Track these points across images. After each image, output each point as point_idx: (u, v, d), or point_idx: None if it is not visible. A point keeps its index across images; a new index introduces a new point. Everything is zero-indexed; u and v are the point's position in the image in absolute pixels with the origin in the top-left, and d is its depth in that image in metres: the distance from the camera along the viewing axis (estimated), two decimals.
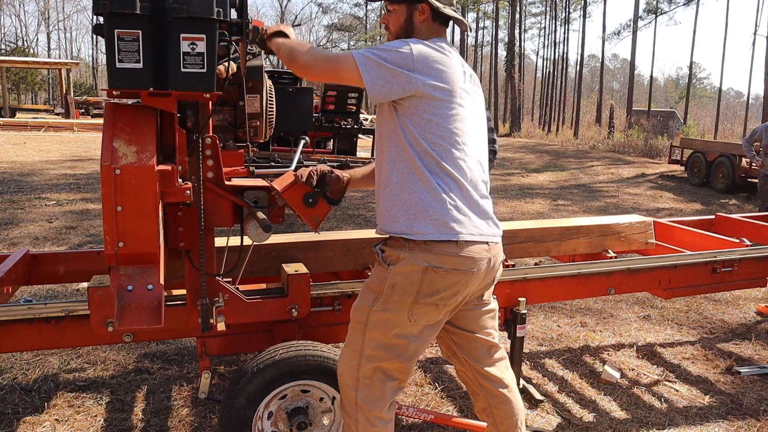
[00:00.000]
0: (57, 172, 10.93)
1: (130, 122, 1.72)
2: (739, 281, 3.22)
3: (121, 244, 1.69)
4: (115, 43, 1.59)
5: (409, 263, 1.79)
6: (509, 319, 2.67)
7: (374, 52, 1.76)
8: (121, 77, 1.62)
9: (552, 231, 3.22)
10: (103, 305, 1.91)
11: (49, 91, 44.02)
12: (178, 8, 1.61)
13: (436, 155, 1.79)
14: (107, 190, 1.65)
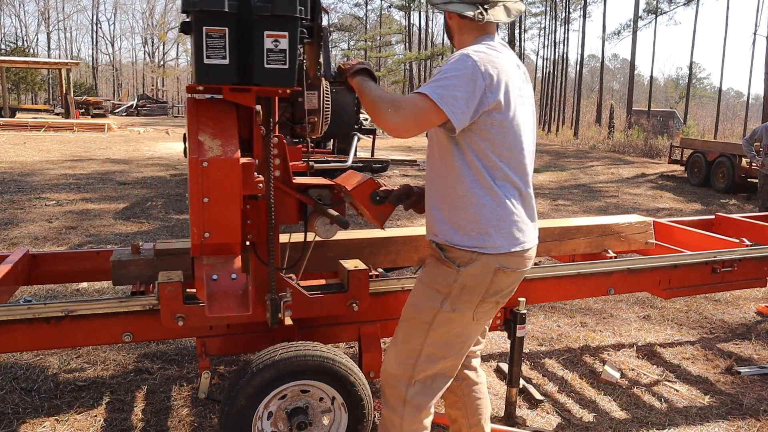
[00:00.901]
0: (57, 172, 10.93)
1: (212, 117, 1.79)
2: (739, 281, 3.22)
3: (207, 234, 1.74)
4: (203, 39, 1.65)
5: (482, 264, 1.84)
6: (509, 319, 2.67)
7: (445, 83, 1.71)
8: (208, 73, 1.68)
9: (552, 231, 3.22)
10: (173, 300, 1.99)
11: (49, 91, 44.02)
12: (263, 6, 1.66)
13: (504, 167, 1.82)
14: (195, 182, 1.70)
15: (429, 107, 1.71)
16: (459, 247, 1.84)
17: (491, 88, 1.73)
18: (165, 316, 2.02)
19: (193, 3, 1.62)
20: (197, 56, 1.66)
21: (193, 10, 1.63)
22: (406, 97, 1.79)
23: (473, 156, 1.80)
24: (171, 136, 21.03)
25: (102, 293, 4.40)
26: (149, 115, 36.38)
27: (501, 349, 3.69)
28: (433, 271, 1.92)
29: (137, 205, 8.09)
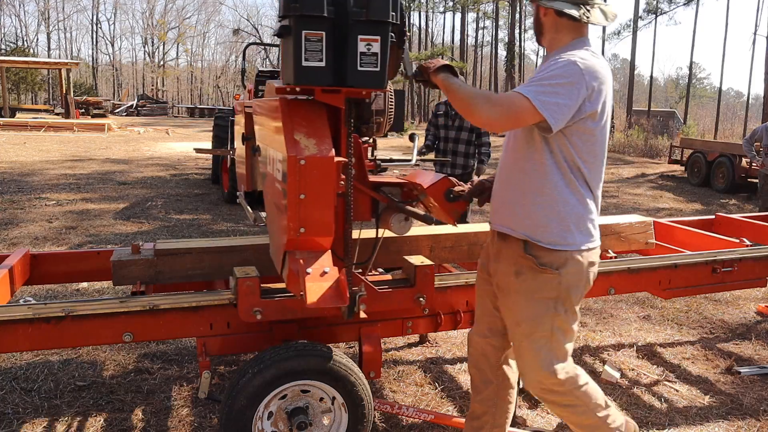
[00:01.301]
0: (57, 172, 10.93)
1: (305, 116, 1.87)
2: (739, 281, 3.22)
3: (302, 229, 1.83)
4: (302, 43, 1.73)
5: (577, 262, 1.96)
6: None
7: (549, 89, 1.78)
8: (306, 74, 1.76)
9: None
10: (251, 294, 2.07)
11: (49, 91, 44.03)
12: (358, 12, 1.76)
13: (587, 171, 1.93)
14: (293, 179, 1.77)
15: (527, 109, 1.78)
16: (544, 245, 1.94)
17: (591, 98, 1.82)
18: (243, 309, 2.09)
19: (294, 8, 1.71)
20: (296, 58, 1.73)
21: (294, 15, 1.72)
22: (504, 95, 1.88)
23: (561, 157, 1.90)
24: (171, 136, 21.04)
25: (102, 293, 4.40)
26: (149, 115, 36.38)
27: None
28: (534, 283, 1.99)
29: (137, 205, 8.09)
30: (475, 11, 40.75)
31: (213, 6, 65.37)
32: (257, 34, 54.66)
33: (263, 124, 2.28)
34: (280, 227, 1.96)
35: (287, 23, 1.76)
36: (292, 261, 1.89)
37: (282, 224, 1.91)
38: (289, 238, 1.85)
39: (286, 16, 1.75)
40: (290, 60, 1.77)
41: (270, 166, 2.11)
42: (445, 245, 2.98)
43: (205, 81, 64.21)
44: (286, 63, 1.81)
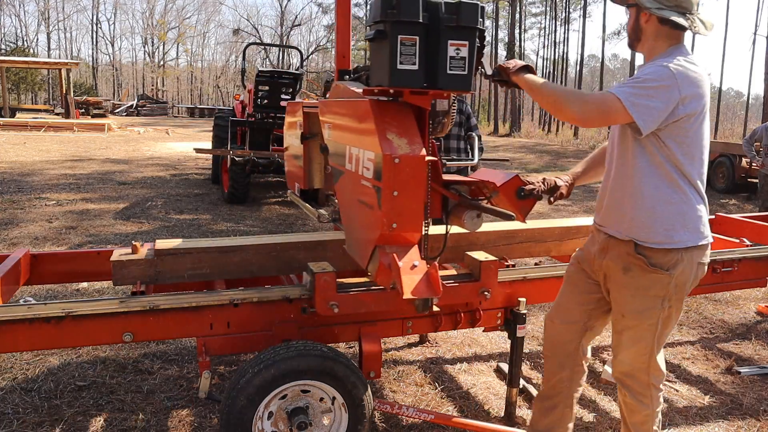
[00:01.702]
0: (57, 172, 10.93)
1: (395, 117, 1.95)
2: (739, 281, 3.22)
3: (395, 225, 1.91)
4: (398, 46, 1.82)
5: (686, 263, 2.04)
6: (509, 319, 2.67)
7: (641, 92, 1.85)
8: (400, 77, 1.84)
9: (552, 231, 3.22)
10: (328, 289, 2.16)
11: (49, 91, 44.03)
12: (449, 18, 1.84)
13: (689, 169, 1.98)
14: (387, 176, 1.86)
15: (619, 109, 1.86)
16: (652, 246, 2.02)
17: (684, 101, 1.87)
18: (320, 303, 2.16)
19: (392, 14, 1.80)
20: (391, 61, 1.82)
21: (391, 20, 1.80)
22: (597, 93, 1.98)
23: (660, 158, 1.97)
24: (171, 136, 21.04)
25: (102, 293, 4.40)
26: (149, 115, 36.38)
27: (501, 349, 3.69)
28: (643, 280, 2.07)
29: (137, 205, 8.09)
30: None
31: (213, 6, 65.42)
32: (257, 34, 54.66)
33: (340, 124, 2.35)
34: (367, 223, 2.04)
35: (382, 28, 1.85)
36: (383, 255, 1.98)
37: (371, 220, 1.99)
38: (382, 233, 1.93)
39: (382, 21, 1.84)
40: (385, 63, 1.85)
41: (351, 165, 2.17)
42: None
43: (205, 81, 64.22)
44: (379, 65, 1.91)
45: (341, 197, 2.40)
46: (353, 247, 2.30)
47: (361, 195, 2.07)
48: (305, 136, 2.99)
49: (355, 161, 2.12)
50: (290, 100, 7.62)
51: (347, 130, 2.24)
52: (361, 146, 2.05)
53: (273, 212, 8.00)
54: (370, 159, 1.95)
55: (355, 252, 2.28)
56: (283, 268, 2.73)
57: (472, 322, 2.64)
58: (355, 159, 2.11)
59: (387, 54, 1.83)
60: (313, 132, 2.98)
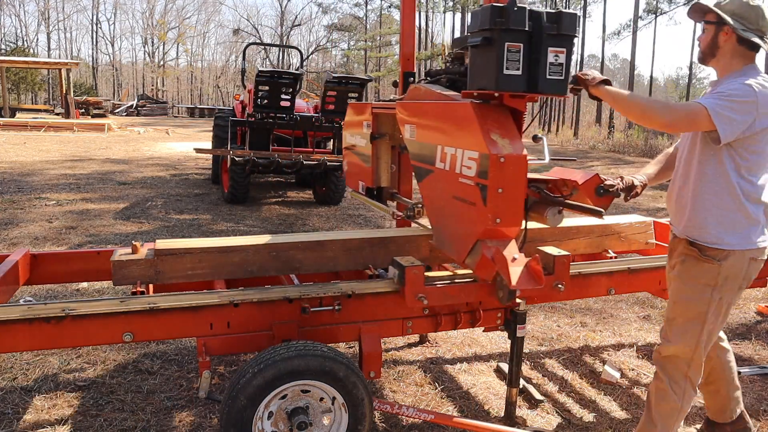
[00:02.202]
0: (57, 172, 10.93)
1: (496, 119, 2.06)
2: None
3: (498, 220, 2.02)
4: (504, 53, 1.94)
5: (737, 257, 2.19)
6: (509, 319, 2.67)
7: (726, 104, 2.02)
8: (505, 81, 1.97)
9: (552, 231, 3.22)
10: (417, 282, 2.27)
11: (49, 91, 44.01)
12: (550, 26, 1.97)
13: (750, 179, 2.15)
14: (494, 174, 1.98)
15: (704, 116, 2.03)
16: (714, 246, 2.19)
17: (760, 117, 2.04)
18: (409, 296, 2.26)
19: (501, 22, 1.92)
20: (498, 67, 1.95)
21: (499, 29, 1.93)
22: (680, 103, 2.23)
23: (727, 167, 2.14)
24: (171, 136, 21.03)
25: (102, 293, 4.40)
26: (149, 115, 36.37)
27: (501, 349, 3.69)
28: (694, 270, 2.26)
29: (137, 205, 8.09)
30: None
31: (213, 6, 65.37)
32: (257, 34, 54.67)
33: (428, 125, 2.45)
34: (467, 218, 2.15)
35: (489, 35, 1.97)
36: (485, 248, 2.09)
37: (473, 215, 2.10)
38: (486, 228, 2.04)
39: (490, 29, 1.96)
40: (491, 68, 1.98)
41: (445, 164, 2.28)
42: None
43: (205, 81, 64.20)
44: (483, 70, 2.03)
45: (429, 194, 2.48)
46: (446, 241, 2.40)
47: (460, 192, 2.17)
48: (374, 136, 3.11)
49: (450, 160, 2.23)
50: (290, 100, 7.63)
51: (439, 131, 2.35)
52: (459, 146, 2.16)
53: (273, 212, 8.00)
54: (473, 158, 2.07)
55: (448, 245, 2.38)
56: (283, 268, 2.73)
57: (472, 322, 2.65)
58: (451, 158, 2.23)
59: (494, 60, 1.96)
60: (382, 132, 3.11)
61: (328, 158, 7.76)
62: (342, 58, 57.70)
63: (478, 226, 2.08)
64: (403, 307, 2.51)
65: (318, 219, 7.75)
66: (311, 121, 7.99)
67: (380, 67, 49.10)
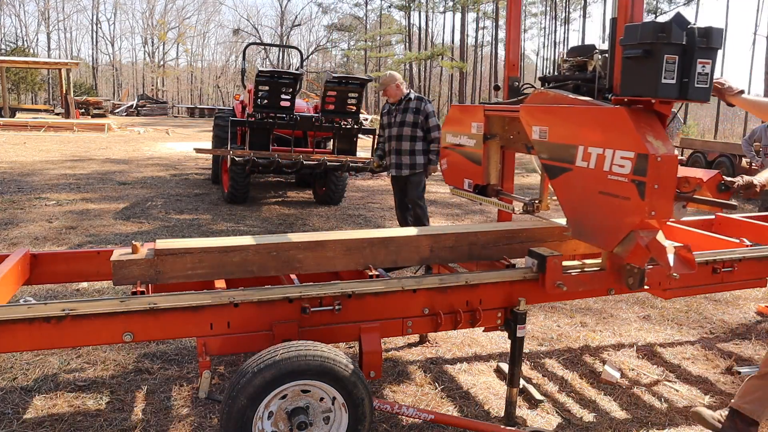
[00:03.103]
0: (57, 172, 10.93)
1: (648, 123, 2.29)
2: (739, 281, 3.21)
3: (653, 213, 2.23)
4: (663, 64, 2.18)
5: None
6: (509, 319, 2.67)
7: None
8: (663, 89, 2.21)
9: (552, 231, 3.22)
10: (556, 270, 2.57)
11: (49, 91, 44.01)
12: (701, 40, 2.20)
13: None
14: (652, 172, 2.20)
15: None
16: None
17: None
18: (549, 283, 2.57)
19: (662, 37, 2.17)
20: (658, 77, 2.19)
21: (660, 42, 2.17)
22: None
23: None
24: (171, 136, 21.03)
25: (102, 293, 4.40)
26: (149, 115, 36.37)
27: (501, 349, 3.69)
28: None
29: (137, 205, 8.09)
30: (475, 11, 40.73)
31: (213, 6, 65.42)
32: (257, 34, 54.66)
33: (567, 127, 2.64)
34: (619, 211, 2.35)
35: (649, 48, 2.21)
36: (640, 238, 2.33)
37: (627, 209, 2.31)
38: (642, 220, 2.26)
39: (651, 43, 2.20)
40: (651, 77, 2.22)
41: (588, 162, 2.50)
42: (445, 245, 2.98)
43: (205, 81, 64.20)
44: (643, 79, 2.25)
45: (565, 190, 2.68)
46: (589, 231, 2.60)
47: (609, 188, 2.39)
48: (486, 136, 3.34)
49: (596, 159, 2.45)
50: (290, 99, 7.62)
51: (582, 133, 2.54)
52: (609, 147, 2.38)
53: (273, 212, 8.00)
54: (627, 158, 2.29)
55: (592, 236, 2.59)
56: (283, 268, 2.73)
57: (472, 322, 2.65)
58: (597, 157, 2.44)
59: (653, 70, 2.20)
60: (493, 133, 3.35)
61: (328, 158, 7.76)
62: (342, 58, 57.68)
63: (634, 218, 2.29)
64: (404, 307, 2.51)
65: (318, 219, 7.75)
66: (311, 121, 7.99)
67: (380, 67, 49.06)
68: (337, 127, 8.02)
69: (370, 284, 2.50)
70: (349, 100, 7.84)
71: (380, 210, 8.50)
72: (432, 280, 2.60)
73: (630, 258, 2.46)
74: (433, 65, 46.73)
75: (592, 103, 2.57)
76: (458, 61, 39.18)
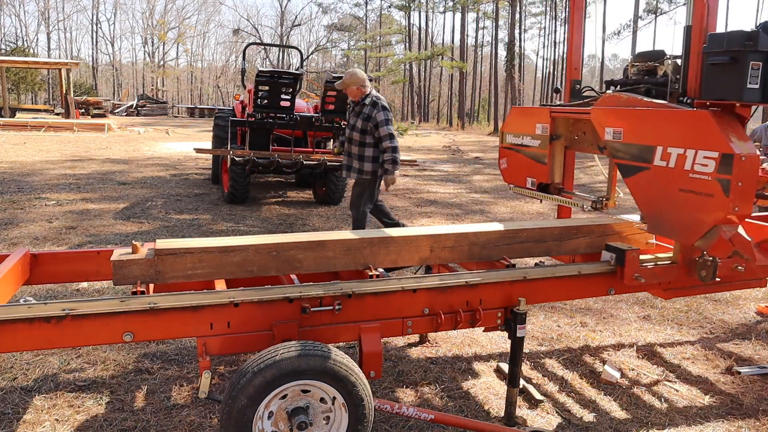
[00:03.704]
0: (57, 172, 10.93)
1: (729, 124, 2.43)
2: (739, 281, 3.22)
3: (737, 208, 2.36)
4: (748, 70, 2.34)
5: None
6: (509, 319, 2.67)
7: None
8: (749, 94, 2.36)
9: (552, 231, 3.22)
10: (634, 263, 2.79)
11: (49, 91, 44.02)
12: (751, 44, 2.34)
13: None
14: (737, 171, 2.33)
15: None
16: None
17: None
18: (628, 275, 2.78)
19: (749, 45, 2.30)
20: (743, 82, 2.35)
21: (747, 50, 2.32)
22: None
23: None
24: (171, 136, 21.03)
25: (102, 293, 4.40)
26: (149, 115, 36.37)
27: (501, 349, 3.69)
28: None
29: (137, 205, 8.09)
30: (475, 11, 40.76)
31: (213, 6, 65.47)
32: (257, 34, 54.67)
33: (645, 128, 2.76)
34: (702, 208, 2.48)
35: (736, 55, 2.35)
36: (723, 232, 2.46)
37: (710, 205, 2.44)
38: (726, 215, 2.39)
39: (737, 50, 2.34)
40: (736, 82, 2.38)
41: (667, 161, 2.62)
42: (445, 245, 2.98)
43: (205, 81, 64.21)
44: (727, 84, 2.41)
45: (642, 188, 2.79)
46: (668, 227, 2.72)
47: (691, 186, 2.53)
48: (552, 137, 3.51)
49: (676, 159, 2.58)
50: (290, 100, 7.62)
51: (662, 134, 2.67)
52: (691, 147, 2.50)
53: (273, 212, 8.00)
54: (711, 158, 2.41)
55: (672, 231, 2.71)
56: (283, 268, 2.73)
57: (472, 322, 2.65)
58: (677, 157, 2.58)
59: (739, 76, 2.35)
60: (559, 134, 3.52)
61: (328, 158, 7.76)
62: (342, 58, 57.69)
63: (718, 213, 2.42)
64: (404, 307, 2.51)
65: (318, 219, 7.75)
66: (311, 121, 7.99)
67: (380, 67, 49.08)
68: (337, 127, 8.02)
69: (370, 284, 2.50)
70: (349, 100, 7.83)
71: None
72: (432, 280, 2.60)
73: (713, 250, 2.59)
74: (433, 65, 46.74)
75: (668, 106, 2.72)
76: (458, 61, 39.20)
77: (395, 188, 10.49)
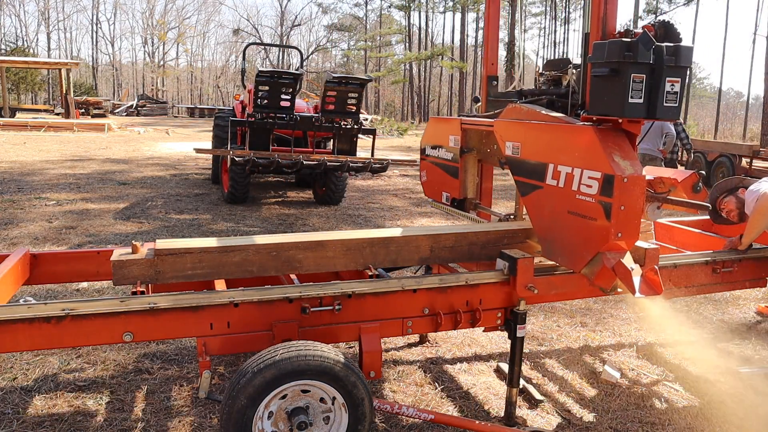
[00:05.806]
0: (57, 172, 10.93)
1: (615, 142, 2.24)
2: (739, 281, 3.22)
3: (620, 234, 2.17)
4: (630, 84, 2.15)
5: None
6: (509, 319, 2.67)
7: None
8: (630, 109, 2.17)
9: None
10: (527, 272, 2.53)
11: (49, 91, 43.99)
12: (669, 59, 2.17)
13: None
14: (618, 193, 2.14)
15: None
16: None
17: None
18: (520, 285, 2.50)
19: (628, 56, 2.12)
20: (624, 96, 2.15)
21: (627, 61, 2.13)
22: None
23: None
24: (171, 136, 21.03)
25: (102, 293, 4.40)
26: (149, 115, 36.36)
27: (501, 349, 3.69)
28: None
29: (137, 205, 8.09)
30: (475, 11, 40.72)
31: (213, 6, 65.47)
32: (257, 34, 54.66)
33: (539, 144, 2.58)
34: (587, 232, 2.29)
35: (616, 67, 2.16)
36: (606, 260, 2.28)
37: (593, 230, 2.26)
38: (609, 242, 2.20)
39: (617, 62, 2.15)
40: (617, 96, 2.19)
41: (557, 181, 2.44)
42: (445, 245, 2.98)
43: (205, 81, 64.18)
44: (610, 98, 2.21)
45: (536, 208, 2.62)
46: (558, 251, 2.53)
47: (577, 208, 2.33)
48: (463, 150, 3.30)
49: (565, 178, 2.39)
50: (290, 100, 7.62)
51: (553, 151, 2.48)
52: (578, 166, 2.32)
53: (273, 212, 8.00)
54: (594, 178, 2.23)
55: (561, 256, 2.52)
56: (283, 268, 2.73)
57: (472, 322, 2.65)
58: (566, 176, 2.38)
59: (620, 89, 2.16)
60: (470, 147, 3.29)
61: (328, 158, 7.76)
62: (342, 58, 57.69)
63: (600, 240, 2.23)
64: (404, 307, 2.51)
65: (318, 219, 7.74)
66: (311, 121, 7.99)
67: (380, 67, 49.08)
68: (337, 127, 8.02)
69: (370, 284, 2.50)
70: (349, 100, 7.83)
71: (380, 210, 8.49)
72: (432, 280, 2.60)
73: (597, 280, 2.41)
74: (433, 65, 46.73)
75: (563, 120, 2.50)
76: (458, 61, 39.19)
77: (395, 188, 10.49)
